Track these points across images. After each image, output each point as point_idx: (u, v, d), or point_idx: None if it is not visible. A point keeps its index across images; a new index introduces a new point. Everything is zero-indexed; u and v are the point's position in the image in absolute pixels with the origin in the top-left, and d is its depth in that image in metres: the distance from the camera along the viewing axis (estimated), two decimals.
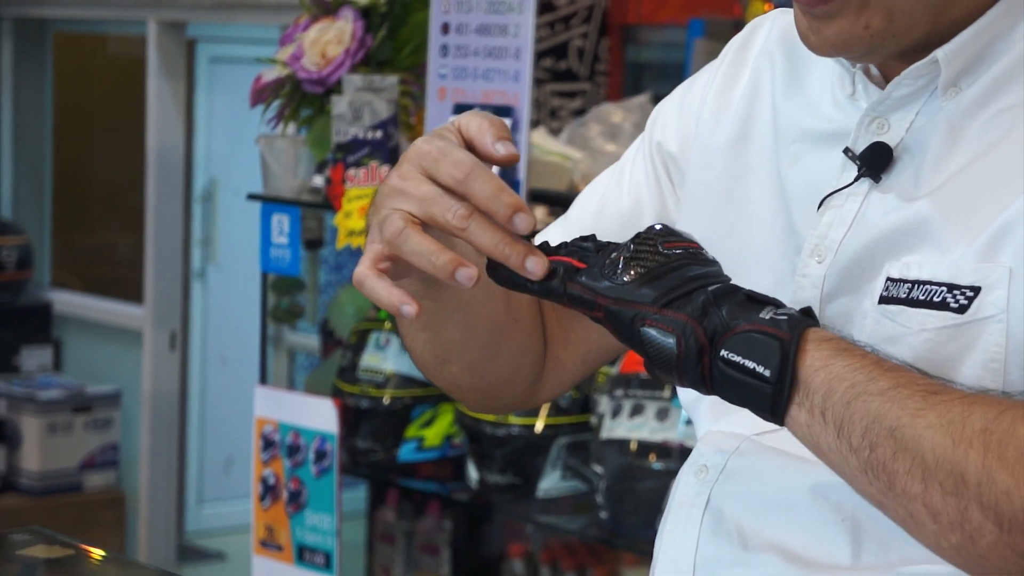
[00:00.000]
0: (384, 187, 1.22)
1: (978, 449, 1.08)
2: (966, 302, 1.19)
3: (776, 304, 1.17)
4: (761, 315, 1.15)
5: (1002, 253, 1.17)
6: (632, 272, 1.17)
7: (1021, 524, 1.07)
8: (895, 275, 1.23)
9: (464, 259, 1.18)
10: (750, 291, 1.18)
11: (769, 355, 1.14)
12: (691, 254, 1.19)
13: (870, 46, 1.24)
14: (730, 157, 1.40)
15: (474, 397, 1.50)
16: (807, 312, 1.18)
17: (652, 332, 1.17)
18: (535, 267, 1.18)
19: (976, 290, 1.18)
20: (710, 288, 1.17)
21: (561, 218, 1.55)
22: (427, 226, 1.20)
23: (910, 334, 1.21)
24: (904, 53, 1.26)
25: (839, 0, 1.23)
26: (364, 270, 1.21)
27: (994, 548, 1.08)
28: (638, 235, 1.20)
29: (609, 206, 1.52)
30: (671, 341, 1.16)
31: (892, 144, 1.27)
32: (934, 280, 1.21)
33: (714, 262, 1.20)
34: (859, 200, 1.28)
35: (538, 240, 1.24)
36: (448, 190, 1.19)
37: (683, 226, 1.38)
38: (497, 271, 1.21)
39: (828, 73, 1.35)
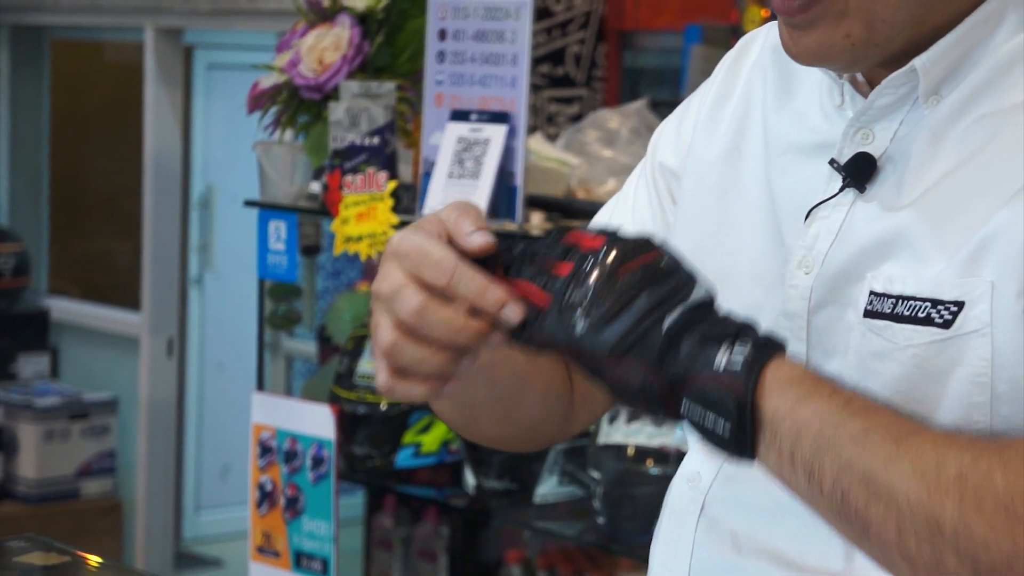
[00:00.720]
0: (373, 289, 1.22)
1: (954, 498, 1.08)
2: (950, 317, 1.18)
3: (735, 335, 1.14)
4: (717, 362, 1.13)
5: (984, 267, 1.17)
6: (588, 316, 1.15)
7: (1001, 572, 1.07)
8: (878, 289, 1.23)
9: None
10: (708, 322, 1.15)
11: (727, 411, 1.13)
12: (649, 273, 1.15)
13: (852, 56, 1.25)
14: (722, 169, 1.41)
15: (511, 443, 1.51)
16: (767, 342, 1.15)
17: (616, 379, 1.16)
18: (511, 314, 1.17)
19: (960, 305, 1.18)
20: (666, 324, 1.14)
21: None
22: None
23: (897, 350, 1.21)
24: (887, 62, 1.26)
25: (818, 9, 1.23)
26: (386, 383, 1.21)
27: None
28: (594, 256, 1.16)
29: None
30: (635, 388, 1.15)
31: (876, 154, 1.27)
32: (918, 296, 1.20)
33: (673, 271, 1.17)
34: (844, 211, 1.28)
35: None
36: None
37: (677, 238, 1.38)
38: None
39: (817, 84, 1.35)
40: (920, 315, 1.20)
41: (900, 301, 1.21)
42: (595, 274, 1.15)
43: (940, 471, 1.08)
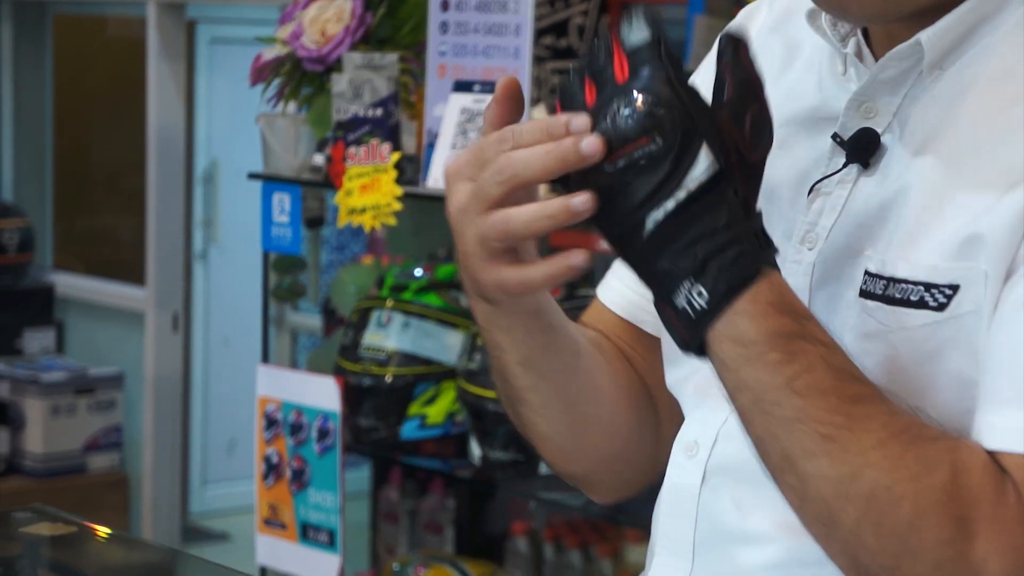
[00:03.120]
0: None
1: (857, 509, 1.11)
2: (945, 300, 1.18)
3: (699, 270, 1.13)
4: (676, 298, 1.14)
5: (979, 256, 1.16)
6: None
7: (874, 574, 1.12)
8: (872, 269, 1.22)
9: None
10: (679, 245, 1.13)
11: (678, 341, 1.16)
12: (633, 163, 1.13)
13: (872, 6, 1.23)
14: None
15: (625, 468, 1.51)
16: (730, 280, 1.13)
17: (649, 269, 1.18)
18: (590, 148, 1.13)
19: (955, 288, 1.18)
20: (646, 229, 1.13)
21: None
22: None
23: (889, 332, 1.21)
24: (912, 18, 1.24)
25: None
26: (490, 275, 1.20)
27: (842, 556, 1.14)
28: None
29: None
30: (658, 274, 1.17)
31: (880, 129, 1.26)
32: (911, 279, 1.20)
33: (662, 155, 1.11)
34: (848, 187, 1.27)
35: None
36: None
37: None
38: None
39: (817, 55, 1.34)
40: (913, 298, 1.19)
41: (891, 284, 1.21)
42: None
43: (853, 483, 1.11)
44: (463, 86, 2.91)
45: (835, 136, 1.28)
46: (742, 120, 1.16)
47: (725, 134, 1.15)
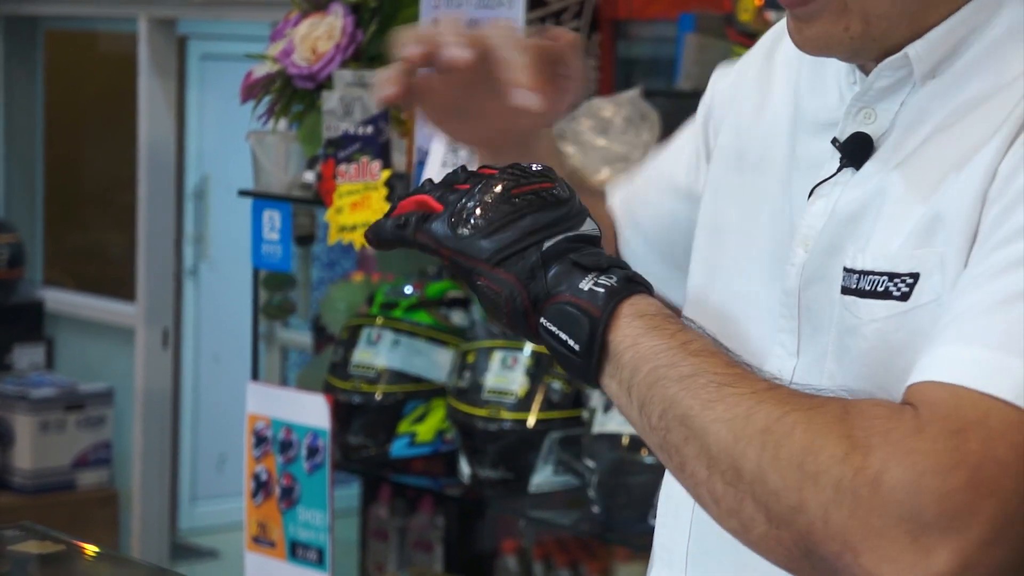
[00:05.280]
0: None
1: (756, 448, 1.11)
2: (907, 289, 1.20)
3: (604, 268, 1.20)
4: (581, 285, 1.19)
5: (935, 240, 1.18)
6: (474, 224, 1.22)
7: (787, 522, 1.10)
8: (848, 264, 1.25)
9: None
10: (580, 255, 1.21)
11: (580, 330, 1.19)
12: (540, 199, 1.23)
13: (851, 48, 1.27)
14: (752, 145, 1.43)
15: None
16: (630, 279, 1.21)
17: (485, 288, 1.22)
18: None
19: (915, 276, 1.19)
20: (545, 246, 1.21)
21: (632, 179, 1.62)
22: None
23: (863, 324, 1.23)
24: (887, 54, 1.27)
25: (817, 4, 1.25)
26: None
27: (764, 538, 1.12)
28: (490, 179, 1.24)
29: (663, 171, 1.61)
30: (500, 300, 1.22)
31: (876, 134, 1.28)
32: (875, 270, 1.22)
33: (566, 201, 1.24)
34: (840, 189, 1.30)
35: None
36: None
37: (707, 180, 1.45)
38: (366, 235, 1.29)
39: (840, 65, 1.37)
40: (879, 289, 1.22)
41: (862, 276, 1.23)
42: (488, 193, 1.23)
43: (749, 421, 1.12)
44: None
45: (834, 140, 1.31)
46: None
47: None
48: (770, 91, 1.44)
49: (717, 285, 1.41)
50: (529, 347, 3.04)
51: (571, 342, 1.19)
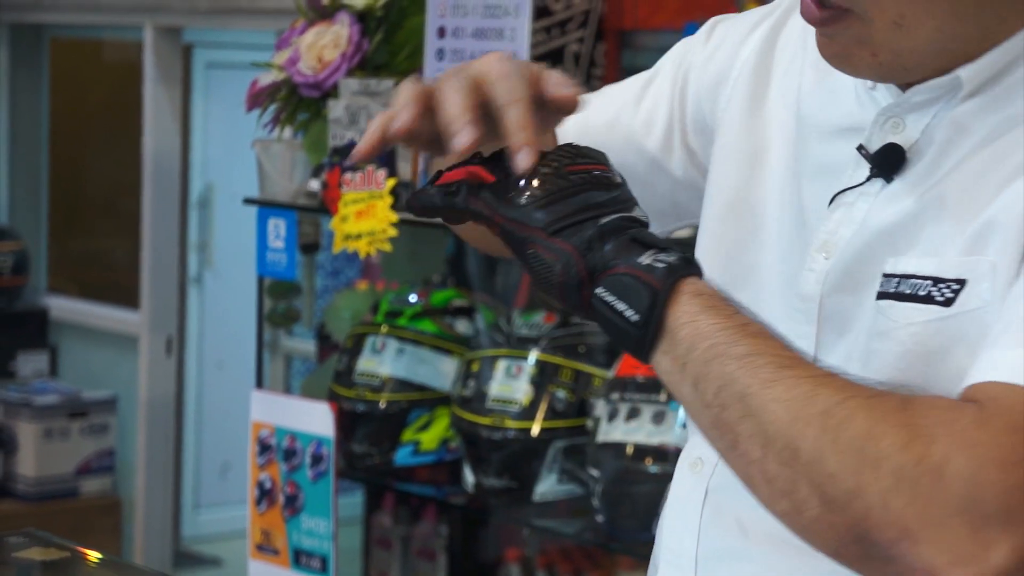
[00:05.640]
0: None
1: (815, 429, 1.11)
2: (952, 295, 1.19)
3: (662, 248, 1.19)
4: (640, 259, 1.18)
5: (988, 248, 1.18)
6: (531, 195, 1.21)
7: (841, 506, 1.09)
8: (888, 270, 1.24)
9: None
10: (638, 232, 1.20)
11: (639, 301, 1.17)
12: (594, 178, 1.22)
13: (879, 73, 1.26)
14: (750, 133, 1.42)
15: None
16: (689, 260, 1.20)
17: (539, 256, 1.20)
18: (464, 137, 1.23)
19: (962, 283, 1.19)
20: (602, 221, 1.20)
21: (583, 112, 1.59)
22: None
23: (898, 328, 1.22)
24: (920, 80, 1.26)
25: (837, 27, 1.24)
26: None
27: (816, 522, 1.11)
28: (545, 154, 1.22)
29: (621, 122, 1.55)
30: (555, 269, 1.20)
31: (906, 145, 1.27)
32: (919, 274, 1.21)
33: (619, 185, 1.23)
34: (870, 200, 1.28)
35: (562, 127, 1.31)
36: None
37: (712, 176, 1.42)
38: (410, 202, 1.30)
39: None
40: (921, 293, 1.21)
41: (902, 280, 1.22)
42: (544, 167, 1.21)
43: (809, 403, 1.11)
44: None
45: (860, 148, 1.29)
46: None
47: None
48: (768, 85, 1.42)
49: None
50: (533, 356, 3.04)
51: (628, 312, 1.17)
